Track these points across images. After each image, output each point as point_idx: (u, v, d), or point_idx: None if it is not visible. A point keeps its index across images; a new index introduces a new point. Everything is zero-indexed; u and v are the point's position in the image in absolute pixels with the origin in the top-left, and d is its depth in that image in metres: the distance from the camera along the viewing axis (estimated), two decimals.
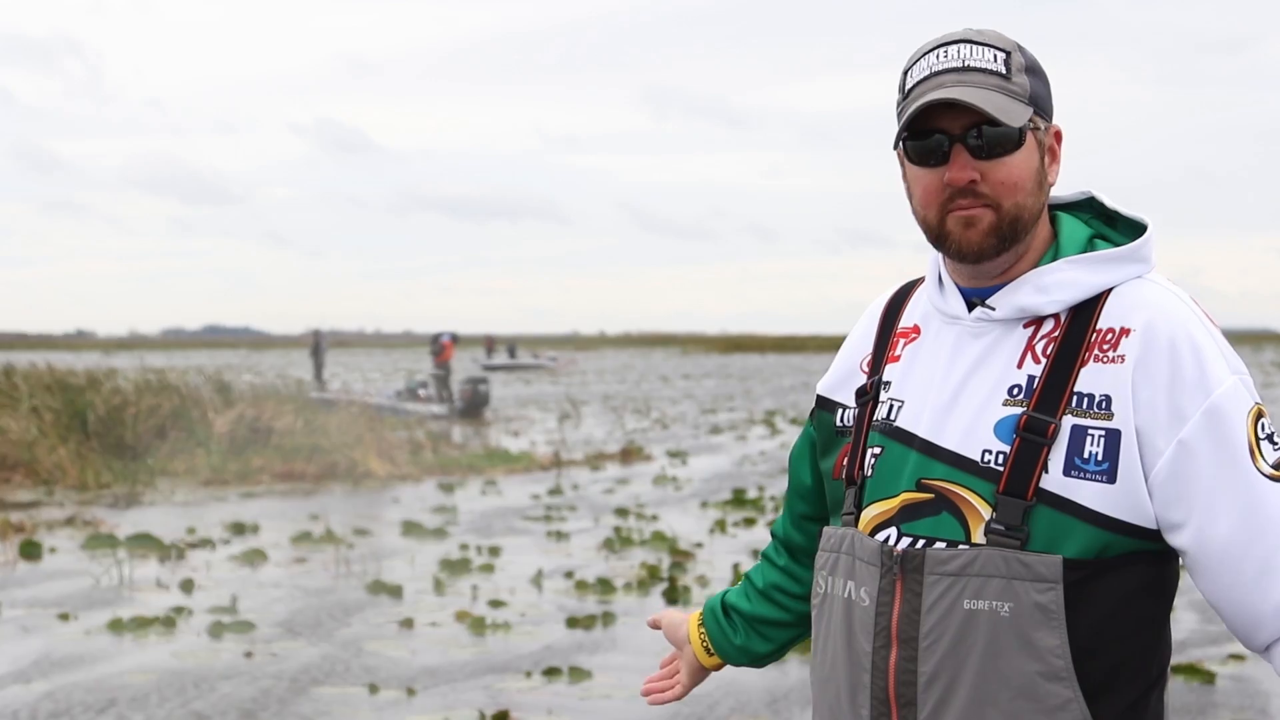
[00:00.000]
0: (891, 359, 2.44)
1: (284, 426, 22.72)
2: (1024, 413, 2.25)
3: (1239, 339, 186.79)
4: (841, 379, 2.54)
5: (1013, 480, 2.23)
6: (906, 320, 2.47)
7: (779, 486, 19.60)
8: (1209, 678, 8.94)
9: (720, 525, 15.72)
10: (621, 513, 16.93)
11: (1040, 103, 2.33)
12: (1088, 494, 2.21)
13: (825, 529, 2.47)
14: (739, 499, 18.04)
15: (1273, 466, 2.20)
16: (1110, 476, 2.21)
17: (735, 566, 12.91)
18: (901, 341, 2.45)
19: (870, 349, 2.50)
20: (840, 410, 2.51)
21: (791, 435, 29.16)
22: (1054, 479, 2.22)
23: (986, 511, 2.24)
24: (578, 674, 9.08)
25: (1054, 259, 2.34)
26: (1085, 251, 2.34)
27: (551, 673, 9.09)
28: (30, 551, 14.02)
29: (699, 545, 14.40)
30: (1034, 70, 2.33)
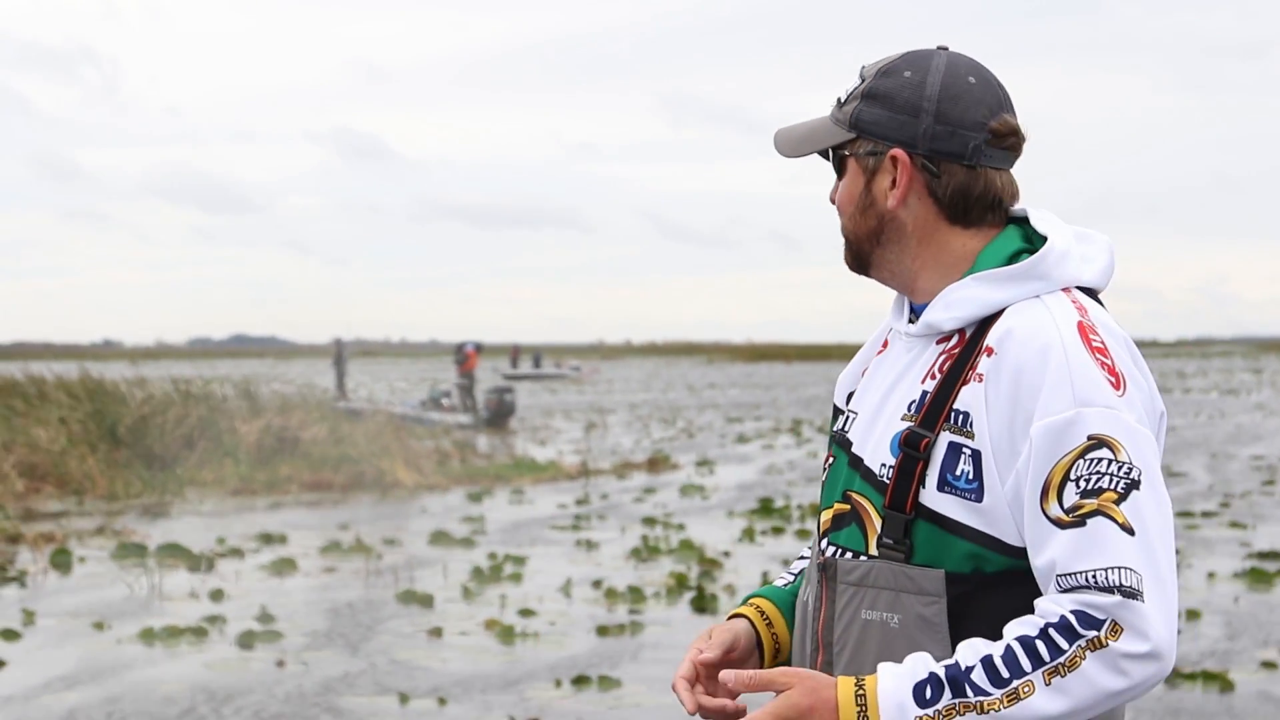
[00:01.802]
0: (865, 371, 2.52)
1: (311, 436, 22.79)
2: (907, 428, 2.29)
3: (1265, 347, 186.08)
4: (845, 386, 2.60)
5: (895, 494, 2.27)
6: (888, 334, 2.55)
7: (806, 495, 19.61)
8: (1227, 685, 8.95)
9: (748, 534, 15.73)
10: (649, 522, 16.95)
11: (869, 128, 2.35)
12: (959, 510, 2.23)
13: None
14: (766, 508, 18.05)
15: (1065, 510, 2.15)
16: (978, 495, 2.22)
17: (764, 575, 12.93)
18: (877, 356, 2.52)
19: (872, 358, 2.58)
20: (839, 418, 2.59)
21: (818, 443, 29.16)
22: (929, 494, 2.25)
23: (879, 524, 2.29)
24: (607, 683, 9.10)
25: None
26: (1005, 265, 2.34)
27: (581, 681, 9.12)
28: (60, 561, 14.11)
29: (727, 554, 14.41)
30: (874, 95, 2.35)
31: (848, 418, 2.45)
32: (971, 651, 2.15)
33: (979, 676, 2.12)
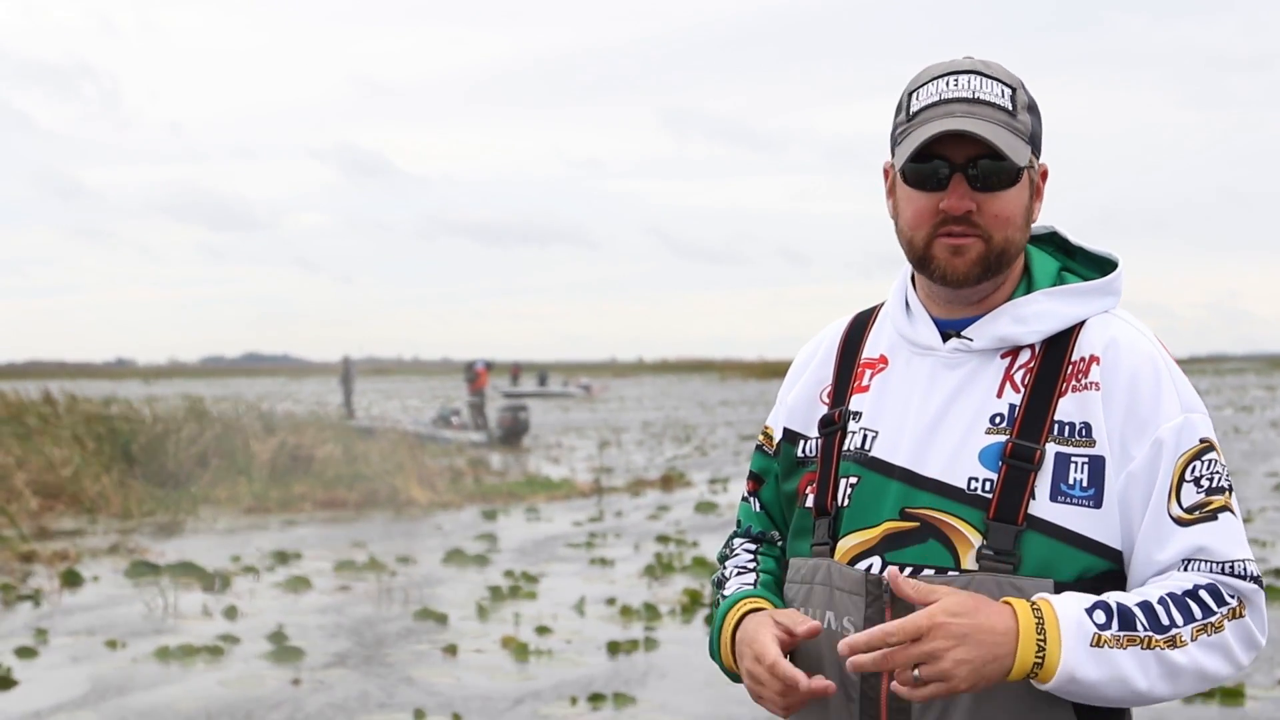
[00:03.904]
0: (859, 389, 2.47)
1: (325, 454, 22.80)
2: (1008, 440, 2.29)
3: (1278, 364, 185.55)
4: (803, 410, 2.56)
5: (1003, 506, 2.27)
6: (870, 350, 2.50)
7: None
8: (1243, 703, 8.93)
9: None
10: (663, 539, 16.92)
11: (1037, 142, 2.39)
12: (1076, 519, 2.26)
13: (794, 560, 2.48)
14: None
15: (1186, 509, 2.24)
16: (1097, 502, 2.27)
17: None
18: (868, 372, 2.47)
19: (831, 379, 2.52)
20: (802, 441, 2.54)
21: None
22: (1041, 505, 2.27)
23: (976, 538, 2.28)
24: (622, 700, 9.08)
25: (1027, 291, 2.40)
26: (1055, 284, 2.40)
27: (596, 699, 9.09)
28: (72, 580, 14.10)
29: None
30: (1034, 109, 2.39)
31: (866, 436, 2.40)
32: (1122, 596, 2.20)
33: (1139, 616, 2.18)
